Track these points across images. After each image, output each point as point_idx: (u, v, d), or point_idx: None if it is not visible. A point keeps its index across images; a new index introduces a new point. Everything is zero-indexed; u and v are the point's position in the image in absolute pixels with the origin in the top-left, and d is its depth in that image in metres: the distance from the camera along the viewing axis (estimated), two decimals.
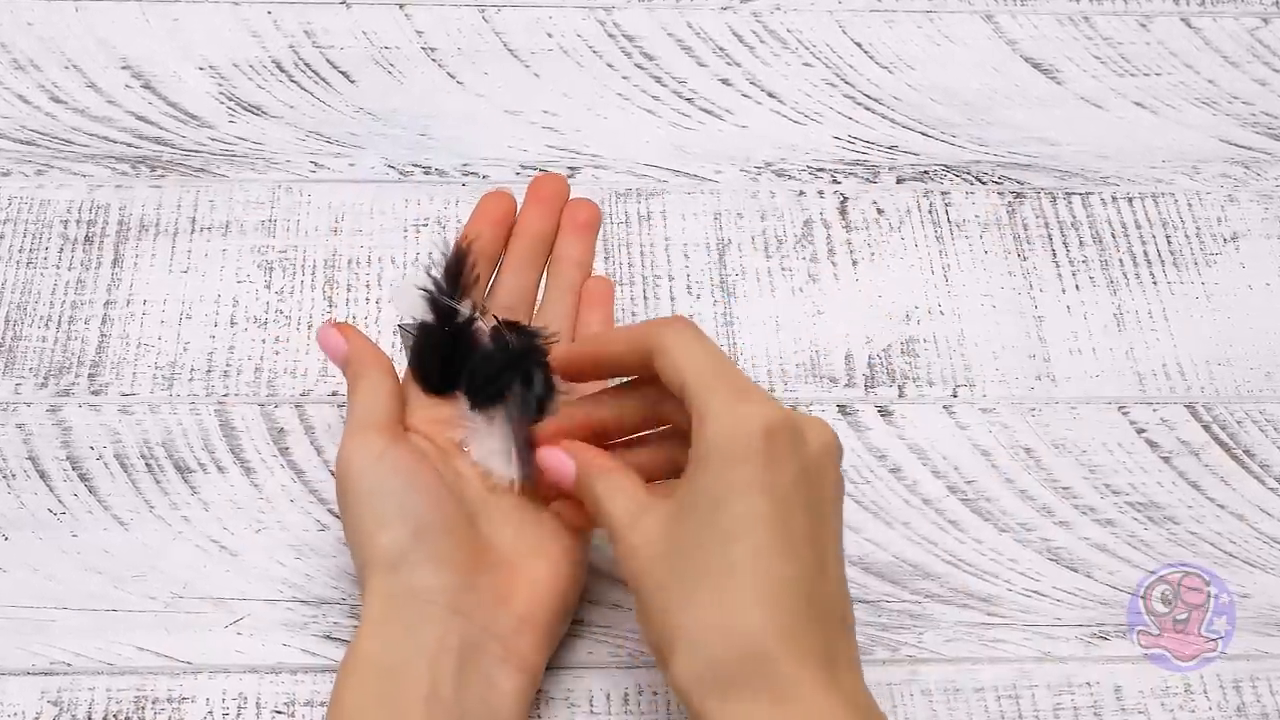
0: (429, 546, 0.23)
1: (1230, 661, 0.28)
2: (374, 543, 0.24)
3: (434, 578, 0.23)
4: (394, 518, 0.24)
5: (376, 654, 0.23)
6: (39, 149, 0.34)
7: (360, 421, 0.25)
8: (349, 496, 0.24)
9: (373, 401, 0.25)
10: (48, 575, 0.27)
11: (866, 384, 0.31)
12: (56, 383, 0.30)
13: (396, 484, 0.24)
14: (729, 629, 0.20)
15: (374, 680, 0.23)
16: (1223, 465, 0.31)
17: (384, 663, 0.23)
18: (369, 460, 0.24)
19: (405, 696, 0.22)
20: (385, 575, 0.23)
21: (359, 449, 0.24)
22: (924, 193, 0.35)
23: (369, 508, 0.24)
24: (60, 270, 0.32)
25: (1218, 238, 0.35)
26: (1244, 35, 0.38)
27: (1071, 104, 0.37)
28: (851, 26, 0.38)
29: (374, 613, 0.23)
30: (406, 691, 0.22)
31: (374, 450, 0.24)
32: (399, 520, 0.24)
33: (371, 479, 0.24)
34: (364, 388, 0.25)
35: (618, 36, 0.37)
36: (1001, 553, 0.29)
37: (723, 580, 0.20)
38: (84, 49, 0.36)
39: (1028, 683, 0.27)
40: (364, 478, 0.24)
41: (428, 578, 0.23)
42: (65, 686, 0.26)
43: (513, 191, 0.30)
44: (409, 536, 0.23)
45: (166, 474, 0.29)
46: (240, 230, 0.33)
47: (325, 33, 0.37)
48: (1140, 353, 0.32)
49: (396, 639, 0.23)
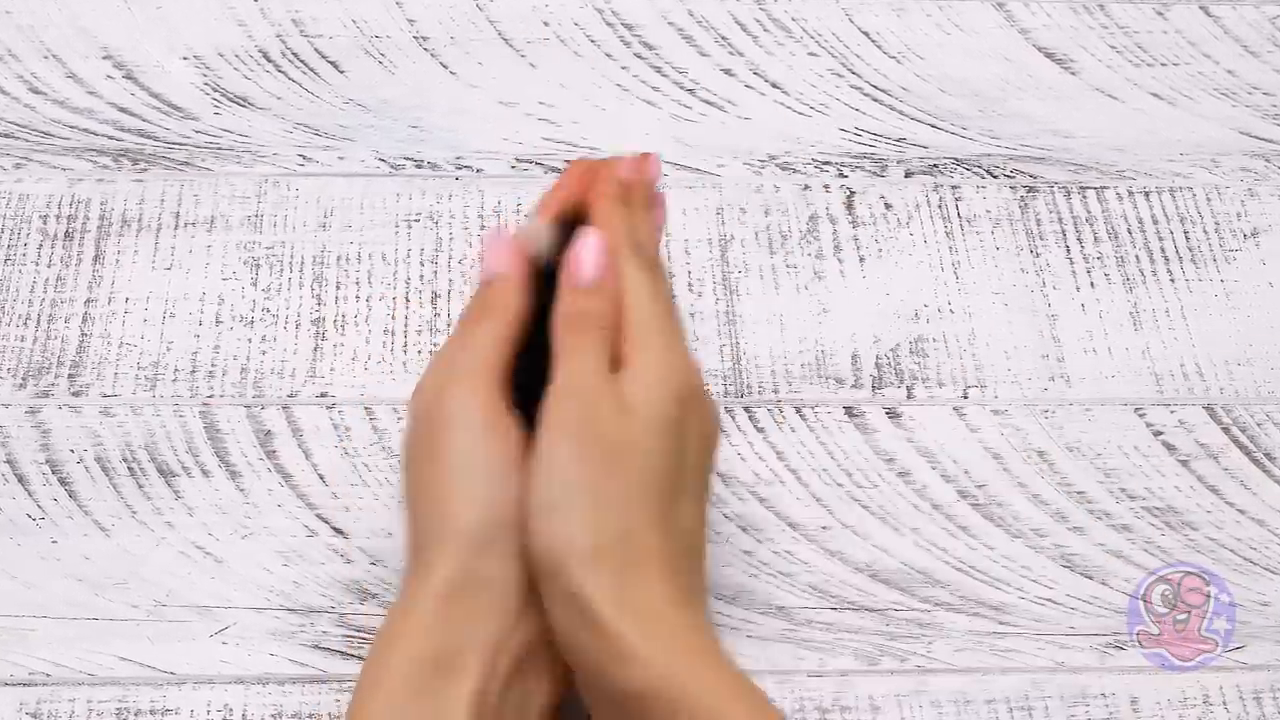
0: (512, 537, 0.21)
1: (1250, 672, 0.27)
2: (456, 517, 0.21)
3: (511, 570, 0.21)
4: (484, 496, 0.21)
5: (426, 639, 0.20)
6: (17, 141, 0.33)
7: (476, 369, 0.22)
8: (439, 452, 0.21)
9: (495, 353, 0.22)
10: (26, 583, 0.27)
11: (874, 385, 0.30)
12: (35, 384, 0.29)
13: (498, 462, 0.21)
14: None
15: (418, 667, 0.20)
16: (1242, 469, 0.30)
17: (434, 649, 0.20)
18: (476, 422, 0.21)
19: (451, 690, 0.20)
20: (459, 555, 0.21)
21: (468, 404, 0.21)
22: (933, 187, 0.34)
23: (462, 477, 0.21)
24: (39, 267, 0.31)
25: (1237, 233, 0.34)
26: (1265, 24, 0.37)
27: (1086, 95, 0.36)
28: (859, 15, 0.37)
29: (435, 590, 0.21)
30: (454, 685, 0.20)
31: (484, 413, 0.21)
32: (488, 501, 0.21)
33: (471, 445, 0.21)
34: (495, 330, 0.22)
35: (616, 25, 0.36)
36: (1014, 559, 0.28)
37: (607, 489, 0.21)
38: (64, 38, 0.35)
39: (1040, 694, 0.26)
40: (465, 440, 0.21)
41: (506, 569, 0.21)
42: (45, 698, 0.25)
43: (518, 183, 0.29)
44: (496, 521, 0.21)
45: (149, 478, 0.28)
46: (226, 226, 0.32)
47: (313, 21, 0.36)
48: (1157, 352, 0.31)
49: (456, 625, 0.20)
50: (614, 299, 0.23)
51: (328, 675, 0.26)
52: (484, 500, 0.21)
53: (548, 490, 0.21)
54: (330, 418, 0.29)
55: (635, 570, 0.20)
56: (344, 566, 0.27)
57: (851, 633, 0.27)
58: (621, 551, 0.20)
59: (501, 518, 0.21)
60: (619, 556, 0.20)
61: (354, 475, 0.29)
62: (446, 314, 0.31)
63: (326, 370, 0.30)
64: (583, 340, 0.22)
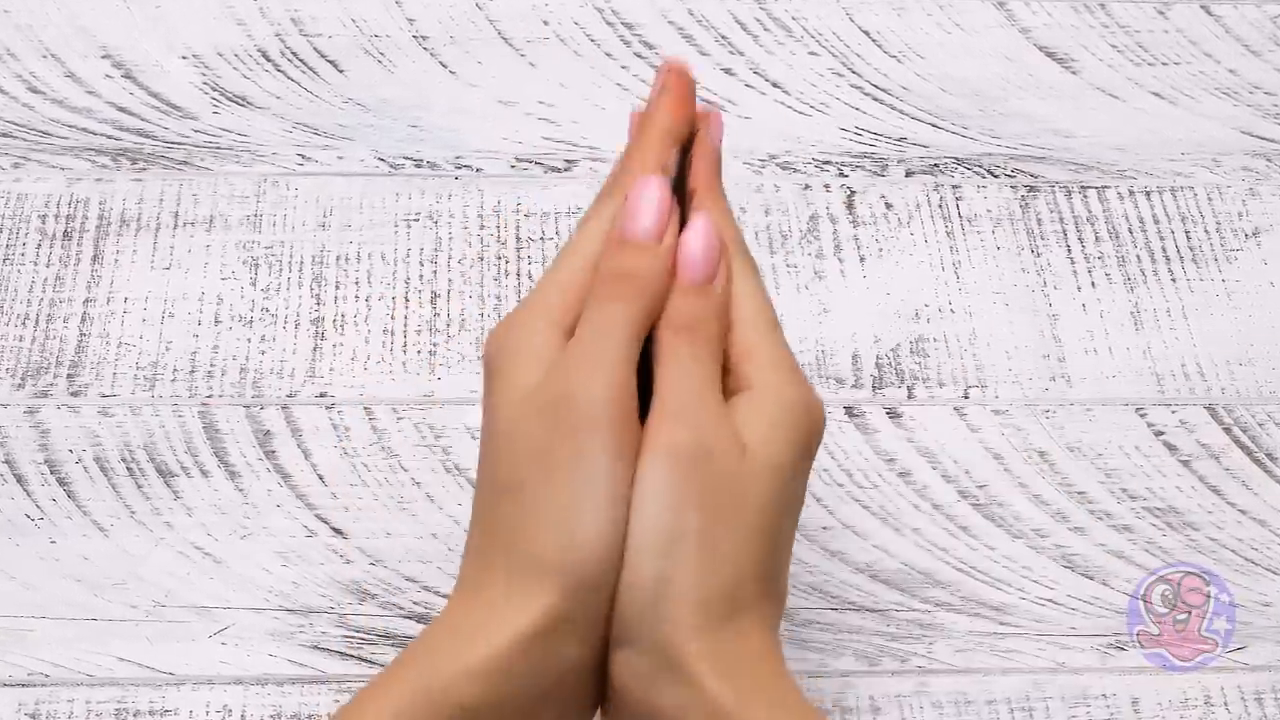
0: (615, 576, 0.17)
1: (1251, 673, 0.27)
2: (574, 550, 0.17)
3: (604, 612, 0.18)
4: (609, 532, 0.17)
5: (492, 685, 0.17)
6: (16, 141, 0.33)
7: (615, 364, 0.17)
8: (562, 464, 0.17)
9: (634, 348, 0.18)
10: (25, 583, 0.27)
11: (874, 385, 0.30)
12: (34, 384, 0.29)
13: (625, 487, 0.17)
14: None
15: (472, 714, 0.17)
16: (1244, 469, 0.30)
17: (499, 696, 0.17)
18: (610, 440, 0.17)
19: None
20: (565, 593, 0.17)
21: (604, 413, 0.17)
22: (934, 186, 0.34)
23: (589, 504, 0.17)
24: (38, 267, 0.31)
25: (1239, 233, 0.33)
26: (1266, 23, 0.37)
27: (1087, 94, 0.36)
28: (859, 14, 0.37)
29: (520, 630, 0.17)
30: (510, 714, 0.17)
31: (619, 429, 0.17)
32: (613, 536, 0.17)
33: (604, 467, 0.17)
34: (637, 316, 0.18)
35: (616, 24, 0.36)
36: (1014, 560, 0.28)
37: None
38: (63, 37, 0.35)
39: (1041, 695, 0.26)
40: (597, 459, 0.17)
41: (600, 610, 0.18)
42: (43, 698, 0.25)
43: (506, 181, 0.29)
44: (612, 561, 0.17)
45: (148, 478, 0.28)
46: (225, 225, 0.32)
47: (313, 20, 0.36)
48: (1158, 352, 0.31)
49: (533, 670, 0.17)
50: (722, 305, 0.19)
51: (327, 676, 0.26)
52: (607, 534, 0.17)
53: (655, 532, 0.17)
54: (329, 418, 0.29)
55: (736, 625, 0.18)
56: (343, 567, 0.27)
57: (852, 633, 0.27)
58: (727, 607, 0.18)
59: (617, 556, 0.17)
60: (724, 612, 0.18)
61: (353, 475, 0.29)
62: (446, 314, 0.31)
63: (326, 370, 0.30)
64: (694, 352, 0.18)
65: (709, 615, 0.18)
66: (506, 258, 0.32)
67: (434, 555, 0.28)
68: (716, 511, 0.18)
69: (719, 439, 0.18)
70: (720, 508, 0.18)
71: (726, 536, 0.18)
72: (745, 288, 0.19)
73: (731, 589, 0.18)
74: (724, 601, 0.18)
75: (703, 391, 0.18)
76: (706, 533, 0.18)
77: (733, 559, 0.18)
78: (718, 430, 0.18)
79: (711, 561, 0.18)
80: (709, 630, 0.18)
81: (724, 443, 0.18)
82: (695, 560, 0.17)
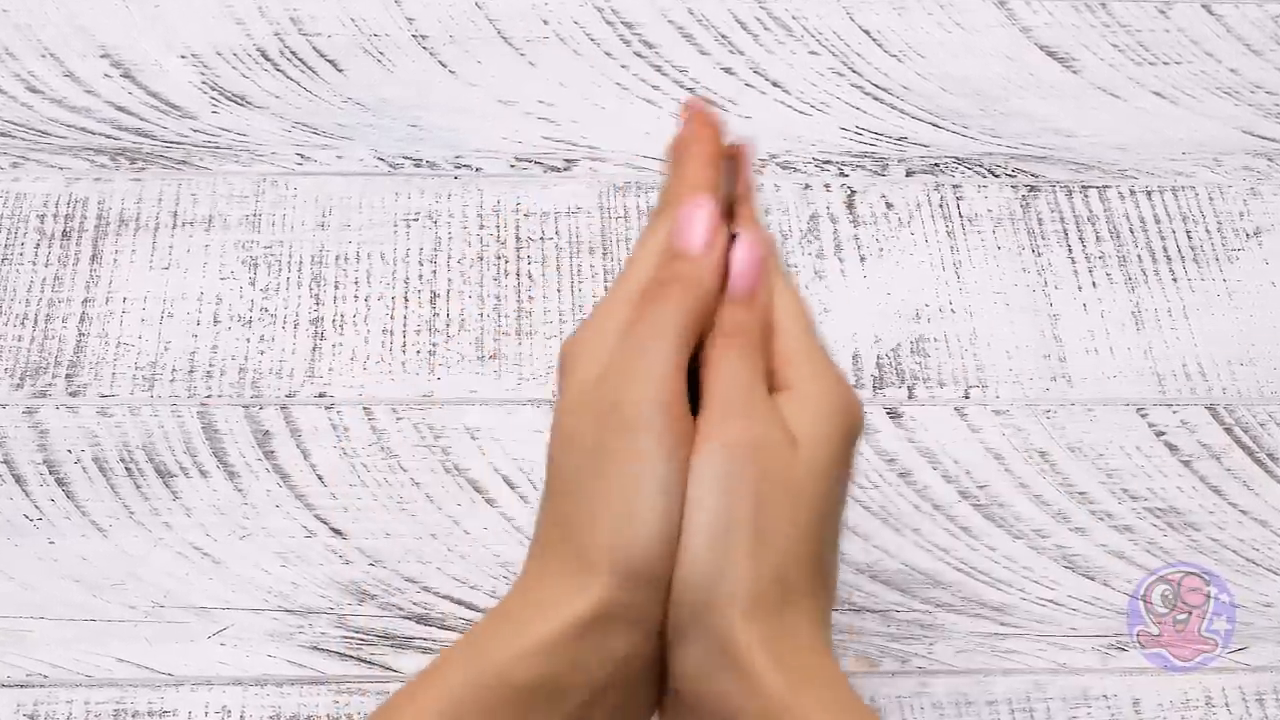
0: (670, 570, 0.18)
1: (1253, 673, 0.27)
2: (629, 545, 0.17)
3: (659, 607, 0.18)
4: (664, 526, 0.18)
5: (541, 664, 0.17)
6: (14, 141, 0.33)
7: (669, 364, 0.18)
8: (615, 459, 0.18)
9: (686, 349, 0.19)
10: (24, 584, 0.27)
11: (875, 385, 0.30)
12: (33, 384, 0.29)
13: (680, 483, 0.18)
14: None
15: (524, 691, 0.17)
16: (1245, 469, 0.30)
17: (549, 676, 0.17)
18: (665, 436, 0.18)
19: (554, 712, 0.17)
20: (621, 585, 0.18)
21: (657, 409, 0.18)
22: (934, 186, 0.34)
23: (643, 498, 0.17)
24: (36, 267, 0.31)
25: (1240, 233, 0.33)
26: (1267, 22, 0.37)
27: (1088, 94, 0.35)
28: (860, 13, 0.37)
29: (578, 616, 0.17)
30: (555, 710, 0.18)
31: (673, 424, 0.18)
32: (667, 530, 0.18)
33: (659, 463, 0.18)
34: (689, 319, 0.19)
35: (616, 24, 0.36)
36: (1015, 560, 0.28)
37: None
38: (61, 36, 0.35)
39: (1042, 695, 0.26)
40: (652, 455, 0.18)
41: (656, 606, 0.18)
42: (42, 699, 0.25)
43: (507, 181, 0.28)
44: (668, 555, 0.18)
45: (147, 478, 0.28)
46: (224, 225, 0.32)
47: (312, 20, 0.35)
48: (1159, 352, 0.31)
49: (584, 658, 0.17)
50: (765, 313, 0.20)
51: (326, 677, 0.26)
52: (660, 526, 0.18)
53: (709, 523, 0.18)
54: (329, 418, 0.29)
55: (789, 617, 0.18)
56: (342, 567, 0.27)
57: (853, 634, 0.27)
58: (779, 597, 0.18)
59: (670, 548, 0.18)
60: (775, 603, 0.18)
61: (352, 476, 0.28)
62: (445, 313, 0.31)
63: (325, 370, 0.30)
64: (741, 354, 0.19)
65: (762, 606, 0.18)
66: (506, 257, 0.32)
67: (433, 556, 0.28)
68: (769, 503, 0.18)
69: (770, 432, 0.19)
70: (773, 500, 0.18)
71: (779, 528, 0.18)
72: (782, 297, 0.21)
73: (784, 580, 0.18)
74: (776, 592, 0.18)
75: (752, 388, 0.19)
76: (759, 523, 0.18)
77: (785, 550, 0.18)
78: (769, 424, 0.19)
79: (765, 552, 0.18)
80: (762, 620, 0.18)
81: (775, 435, 0.19)
82: (749, 551, 0.18)
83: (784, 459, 0.18)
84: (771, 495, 0.18)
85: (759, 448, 0.18)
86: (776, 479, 0.18)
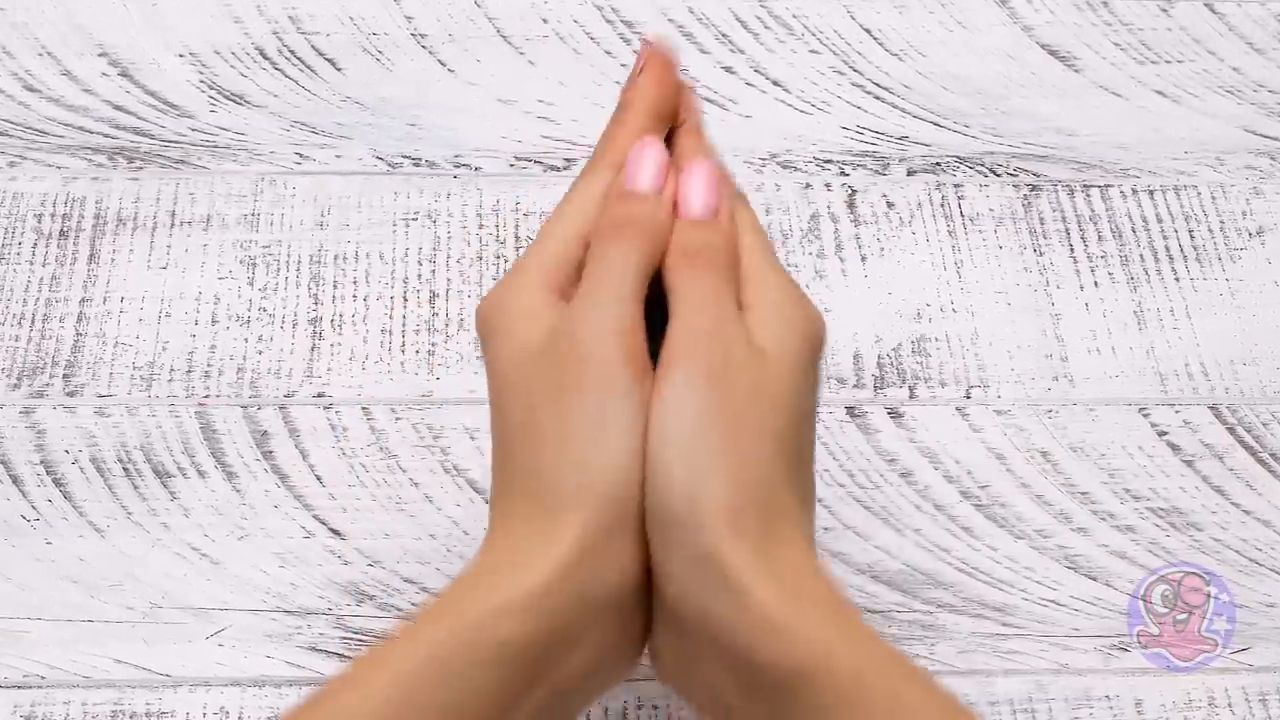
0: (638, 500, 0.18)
1: (1255, 674, 0.27)
2: (598, 474, 0.17)
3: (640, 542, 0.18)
4: (630, 451, 0.17)
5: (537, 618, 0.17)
6: (11, 139, 0.33)
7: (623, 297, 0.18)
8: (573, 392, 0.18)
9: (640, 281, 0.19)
10: (21, 584, 0.26)
11: (876, 385, 0.30)
12: (30, 384, 0.29)
13: (641, 410, 0.18)
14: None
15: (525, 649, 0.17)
16: (1248, 469, 0.29)
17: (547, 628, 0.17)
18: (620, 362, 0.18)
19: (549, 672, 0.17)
20: (597, 519, 0.17)
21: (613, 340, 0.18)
22: (936, 185, 0.33)
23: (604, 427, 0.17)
24: (34, 266, 0.31)
25: (1242, 232, 0.33)
26: (1270, 21, 0.37)
27: (1090, 92, 0.35)
28: (860, 12, 0.36)
29: (561, 558, 0.17)
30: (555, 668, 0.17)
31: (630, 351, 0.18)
32: (632, 457, 0.18)
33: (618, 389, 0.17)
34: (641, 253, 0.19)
35: (616, 22, 0.36)
36: (1017, 560, 0.28)
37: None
38: (59, 35, 0.35)
39: (1044, 696, 0.26)
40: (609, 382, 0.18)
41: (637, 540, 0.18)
42: (39, 700, 0.25)
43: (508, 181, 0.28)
44: (637, 482, 0.17)
45: (145, 479, 0.28)
46: (222, 224, 0.32)
47: (311, 18, 0.35)
48: (1162, 352, 0.31)
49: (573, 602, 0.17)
50: (730, 236, 0.20)
51: (325, 678, 0.26)
52: (628, 457, 0.17)
53: (679, 438, 0.17)
54: (327, 418, 0.29)
55: (775, 531, 0.18)
56: (341, 568, 0.27)
57: None
58: (762, 510, 0.17)
59: (637, 477, 0.18)
60: (760, 516, 0.17)
61: (351, 476, 0.28)
62: (444, 313, 0.31)
63: (324, 370, 0.30)
64: (706, 274, 0.19)
65: (745, 520, 0.17)
66: (505, 257, 0.32)
67: (432, 556, 0.28)
68: (739, 417, 0.18)
69: (736, 346, 0.18)
70: (742, 413, 0.18)
71: (751, 441, 0.18)
72: (752, 236, 0.20)
73: (763, 493, 0.18)
74: (757, 506, 0.18)
75: (720, 305, 0.19)
76: (730, 434, 0.18)
77: (759, 461, 0.18)
78: (734, 338, 0.19)
79: (739, 467, 0.18)
80: (747, 536, 0.17)
81: (741, 349, 0.18)
82: (723, 467, 0.18)
83: (752, 373, 0.18)
84: (741, 410, 0.18)
85: (725, 365, 0.18)
86: (745, 393, 0.18)
